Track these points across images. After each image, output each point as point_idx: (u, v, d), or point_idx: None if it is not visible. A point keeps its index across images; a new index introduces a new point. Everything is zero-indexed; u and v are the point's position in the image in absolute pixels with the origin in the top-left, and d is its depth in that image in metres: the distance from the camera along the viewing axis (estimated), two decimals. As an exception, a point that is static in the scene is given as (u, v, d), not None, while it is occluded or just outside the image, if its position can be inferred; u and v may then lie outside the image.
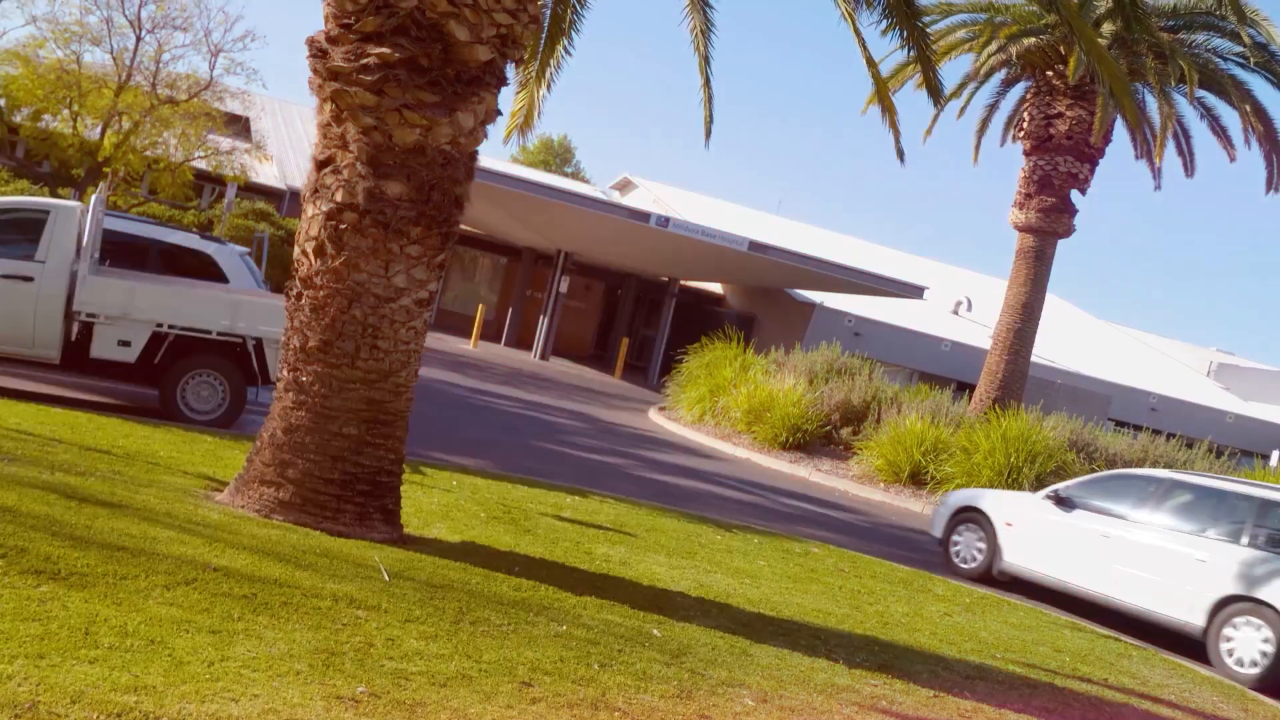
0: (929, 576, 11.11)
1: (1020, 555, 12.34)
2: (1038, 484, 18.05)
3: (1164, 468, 11.56)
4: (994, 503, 12.94)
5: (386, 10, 7.11)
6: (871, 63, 10.42)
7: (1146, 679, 8.53)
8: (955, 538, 13.08)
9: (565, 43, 11.23)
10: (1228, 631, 10.27)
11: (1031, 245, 22.34)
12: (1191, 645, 10.75)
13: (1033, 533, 12.30)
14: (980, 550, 12.73)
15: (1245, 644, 10.11)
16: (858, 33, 10.00)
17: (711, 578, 8.50)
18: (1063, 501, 12.21)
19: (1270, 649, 9.90)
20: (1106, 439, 19.42)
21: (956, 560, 12.94)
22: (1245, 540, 10.64)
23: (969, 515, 13.01)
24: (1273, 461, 24.30)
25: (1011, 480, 17.92)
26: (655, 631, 6.40)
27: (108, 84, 24.84)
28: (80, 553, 5.50)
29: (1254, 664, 10.00)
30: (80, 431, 9.15)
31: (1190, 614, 10.62)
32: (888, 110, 10.54)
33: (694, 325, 33.03)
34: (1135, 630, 11.24)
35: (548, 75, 11.44)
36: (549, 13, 10.99)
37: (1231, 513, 11.00)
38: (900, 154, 10.86)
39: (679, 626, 6.66)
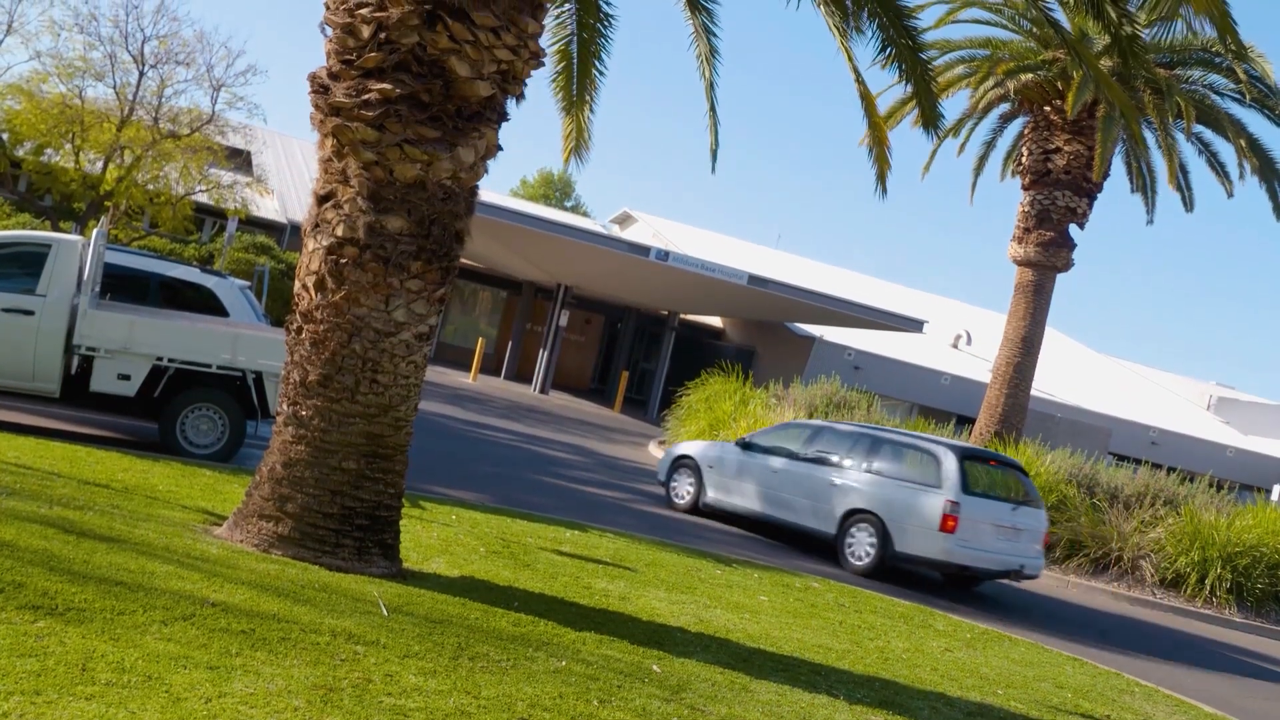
0: (929, 612, 11.06)
1: (718, 491, 15.30)
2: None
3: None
4: (700, 450, 15.78)
5: (388, 46, 7.17)
6: (866, 95, 10.43)
7: (1150, 716, 8.47)
8: (673, 481, 15.94)
9: (597, 64, 11.38)
10: (850, 535, 13.57)
11: (1030, 279, 22.38)
12: (829, 549, 13.96)
13: (726, 473, 15.23)
14: (690, 489, 15.66)
15: (859, 544, 13.45)
16: (854, 68, 10.04)
17: (711, 613, 8.46)
18: (748, 447, 15.21)
19: (873, 547, 13.29)
20: (1107, 473, 19.38)
21: (674, 498, 15.85)
22: (864, 468, 13.84)
23: (683, 462, 15.90)
24: (1274, 496, 24.22)
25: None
26: (655, 667, 6.36)
27: (110, 118, 24.99)
28: (78, 588, 5.48)
29: (863, 558, 13.35)
30: (79, 465, 9.13)
31: (828, 525, 13.85)
32: (877, 142, 10.53)
33: (694, 359, 33.05)
34: (792, 540, 14.79)
35: (588, 97, 11.61)
36: (575, 40, 11.15)
37: (857, 448, 14.12)
38: (883, 186, 10.72)
39: (678, 662, 6.63)
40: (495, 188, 64.38)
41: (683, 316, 35.99)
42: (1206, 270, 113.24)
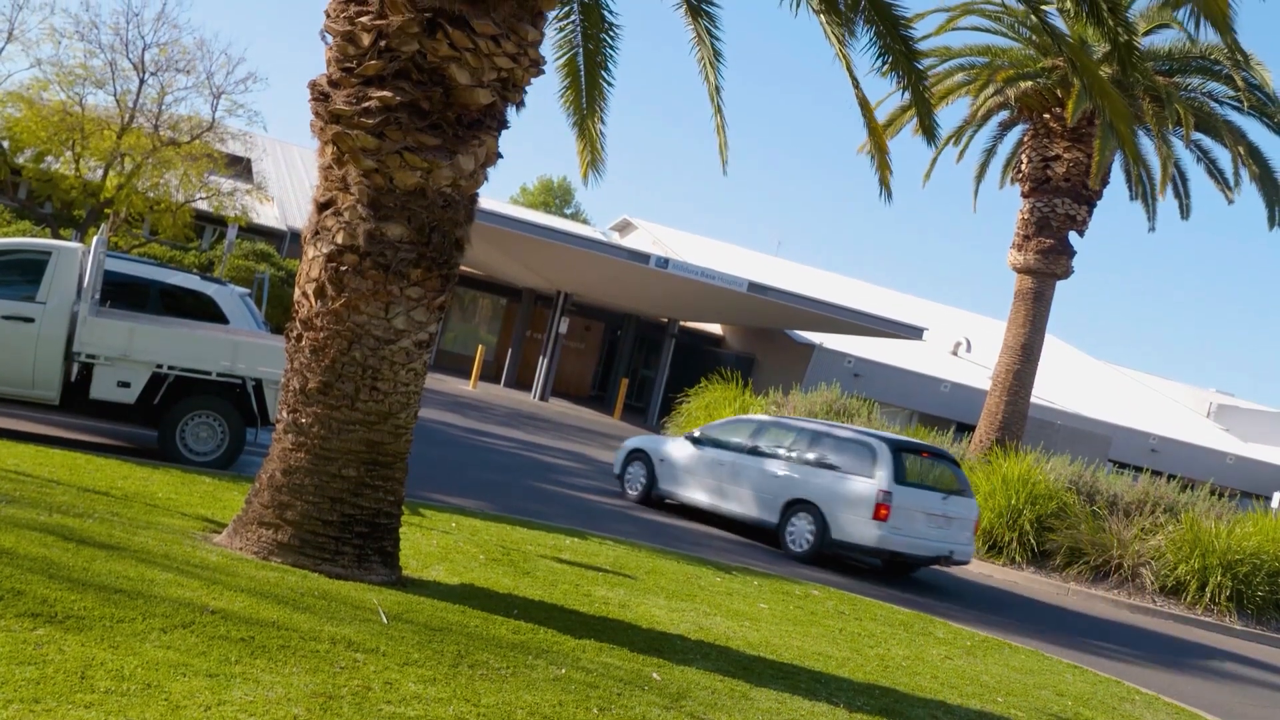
0: (930, 619, 11.05)
1: (669, 483, 15.98)
2: (1038, 526, 18.00)
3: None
4: (652, 445, 16.55)
5: (388, 54, 7.18)
6: (864, 102, 10.43)
7: (1150, 723, 8.46)
8: (628, 472, 16.61)
9: (604, 74, 11.37)
10: (791, 523, 14.32)
11: (1030, 286, 22.40)
12: (771, 536, 14.73)
13: (677, 465, 15.91)
14: (643, 481, 16.29)
15: (799, 532, 14.21)
16: (852, 75, 10.05)
17: (711, 620, 8.45)
18: (697, 441, 15.87)
19: (812, 534, 14.05)
20: (1107, 480, 19.40)
21: (628, 489, 16.51)
22: (803, 460, 14.60)
23: (637, 455, 16.56)
24: (1274, 503, 24.20)
25: (1013, 522, 17.86)
26: (655, 675, 6.36)
27: (110, 126, 25.01)
28: (77, 595, 5.48)
29: (803, 545, 14.10)
30: (79, 473, 9.13)
31: (770, 515, 14.54)
32: (877, 149, 10.53)
33: (693, 366, 33.05)
34: (738, 528, 15.48)
35: (598, 108, 11.60)
36: (581, 51, 11.15)
37: (797, 442, 14.92)
38: (888, 190, 10.67)
39: (678, 670, 6.62)
40: (495, 195, 64.49)
41: (683, 324, 36.01)
42: (1207, 277, 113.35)
